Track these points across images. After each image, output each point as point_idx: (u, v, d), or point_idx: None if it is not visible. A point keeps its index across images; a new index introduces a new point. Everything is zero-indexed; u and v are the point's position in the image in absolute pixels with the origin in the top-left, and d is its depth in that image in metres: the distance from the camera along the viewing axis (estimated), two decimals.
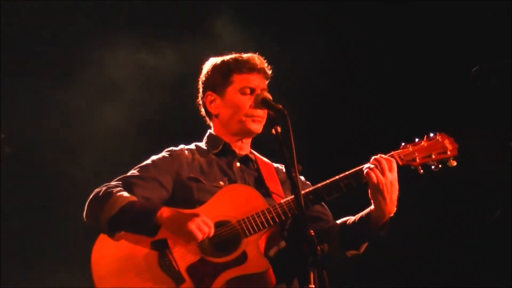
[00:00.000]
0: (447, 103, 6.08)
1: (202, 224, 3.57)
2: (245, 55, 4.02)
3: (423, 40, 6.26)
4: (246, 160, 4.02)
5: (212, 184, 3.85)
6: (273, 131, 3.48)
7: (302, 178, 3.99)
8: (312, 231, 3.19)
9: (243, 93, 3.93)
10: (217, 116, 4.01)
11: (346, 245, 3.86)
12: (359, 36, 6.42)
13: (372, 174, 3.62)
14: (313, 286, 3.50)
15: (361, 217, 3.78)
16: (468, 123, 5.92)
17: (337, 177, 3.71)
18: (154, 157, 3.93)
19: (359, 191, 3.70)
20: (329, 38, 6.44)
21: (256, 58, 4.00)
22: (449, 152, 3.76)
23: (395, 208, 3.69)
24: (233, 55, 4.03)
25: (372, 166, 3.64)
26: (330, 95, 6.41)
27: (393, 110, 6.32)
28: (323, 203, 3.94)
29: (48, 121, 6.25)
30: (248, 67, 3.96)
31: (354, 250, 3.86)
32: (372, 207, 3.71)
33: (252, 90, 3.93)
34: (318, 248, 3.18)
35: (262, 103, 3.71)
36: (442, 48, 6.22)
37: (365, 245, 3.86)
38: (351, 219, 3.86)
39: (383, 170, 3.62)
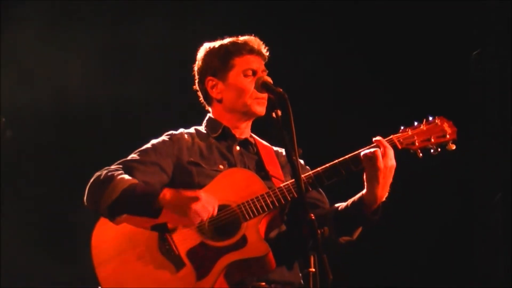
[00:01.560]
0: (447, 96, 6.09)
1: (207, 204, 3.56)
2: (241, 38, 4.00)
3: (423, 25, 6.24)
4: (246, 143, 4.00)
5: (212, 168, 3.83)
6: (274, 114, 3.46)
7: (302, 162, 3.96)
8: (312, 214, 3.19)
9: (246, 75, 3.92)
10: (220, 101, 3.99)
11: (340, 231, 3.83)
12: (358, 19, 6.40)
13: (370, 159, 3.62)
14: (313, 269, 3.51)
15: (354, 202, 3.77)
16: (468, 117, 5.95)
17: (336, 161, 3.70)
18: (154, 141, 3.91)
19: (359, 175, 3.70)
20: (329, 21, 6.42)
21: (254, 40, 3.99)
22: (448, 136, 3.76)
23: (387, 194, 3.69)
24: (229, 39, 4.01)
25: (371, 150, 3.63)
26: (329, 78, 6.40)
27: (393, 94, 6.31)
28: (320, 190, 3.93)
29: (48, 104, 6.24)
30: (248, 49, 3.94)
31: (347, 236, 3.84)
32: (364, 191, 3.70)
33: (254, 72, 3.91)
34: (319, 231, 3.18)
35: (262, 86, 3.68)
36: (443, 36, 6.22)
37: (359, 231, 3.84)
38: (343, 205, 3.84)
39: (382, 155, 3.62)
